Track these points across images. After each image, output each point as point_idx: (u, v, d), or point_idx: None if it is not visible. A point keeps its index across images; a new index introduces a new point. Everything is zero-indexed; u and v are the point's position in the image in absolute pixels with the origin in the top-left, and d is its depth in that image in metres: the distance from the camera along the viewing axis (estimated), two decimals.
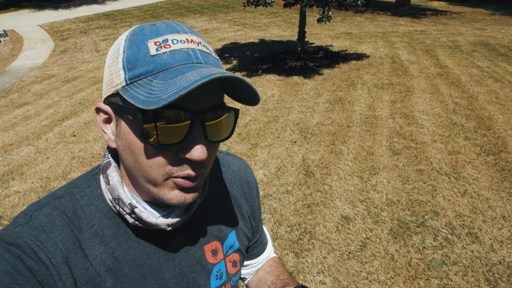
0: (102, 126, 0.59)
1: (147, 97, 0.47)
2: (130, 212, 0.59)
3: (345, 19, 13.98)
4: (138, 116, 0.50)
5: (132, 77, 0.51)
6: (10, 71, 8.68)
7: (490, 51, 8.64)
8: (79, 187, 0.64)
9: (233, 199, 0.81)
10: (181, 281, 0.68)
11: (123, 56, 0.53)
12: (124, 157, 0.57)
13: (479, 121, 4.79)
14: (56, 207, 0.60)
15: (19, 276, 0.51)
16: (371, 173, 3.69)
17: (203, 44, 0.55)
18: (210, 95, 0.53)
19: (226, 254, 0.76)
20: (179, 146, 0.53)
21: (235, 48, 9.62)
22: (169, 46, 0.51)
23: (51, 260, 0.54)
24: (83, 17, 15.14)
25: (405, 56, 8.20)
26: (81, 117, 5.52)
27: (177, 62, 0.51)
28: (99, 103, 0.58)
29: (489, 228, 2.89)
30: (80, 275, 0.57)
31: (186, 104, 0.51)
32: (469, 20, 13.90)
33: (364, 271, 2.54)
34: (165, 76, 0.49)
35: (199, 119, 0.52)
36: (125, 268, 0.62)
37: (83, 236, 0.59)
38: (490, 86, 6.16)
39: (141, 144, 0.53)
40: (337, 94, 5.97)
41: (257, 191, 0.87)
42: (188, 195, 0.57)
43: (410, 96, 5.75)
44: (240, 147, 4.33)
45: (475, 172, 3.65)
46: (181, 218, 0.62)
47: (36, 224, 0.57)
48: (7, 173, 4.00)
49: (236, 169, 0.85)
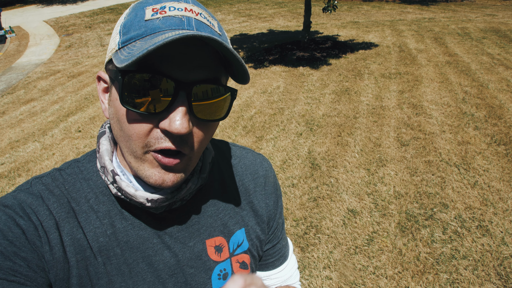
0: (101, 95, 0.60)
1: (125, 56, 0.46)
2: (112, 181, 0.58)
3: (351, 8, 13.76)
4: (118, 77, 0.49)
5: (124, 41, 0.51)
6: (16, 67, 8.72)
7: (501, 37, 8.42)
8: (81, 161, 0.65)
9: (243, 193, 0.75)
10: (176, 275, 0.64)
11: (122, 21, 0.53)
12: (113, 126, 0.56)
13: (490, 110, 4.67)
14: (55, 178, 0.61)
15: (10, 232, 0.52)
16: (378, 165, 3.62)
17: (203, 16, 0.53)
18: (199, 66, 0.50)
19: (232, 253, 0.70)
20: (160, 117, 0.50)
21: (242, 39, 9.53)
22: (165, 12, 0.50)
23: (42, 223, 0.55)
24: (88, 12, 15.13)
25: (413, 45, 8.04)
26: (86, 112, 5.52)
27: (167, 27, 0.49)
28: (100, 71, 0.59)
29: (500, 220, 2.82)
30: (70, 245, 0.57)
31: (171, 72, 0.49)
32: (479, 6, 13.58)
33: (371, 265, 2.50)
34: (150, 38, 0.48)
35: (184, 90, 0.49)
36: (116, 249, 0.60)
37: (80, 209, 0.59)
38: (501, 73, 6.01)
39: (124, 111, 0.51)
40: (343, 84, 5.88)
41: (275, 187, 0.79)
42: (167, 176, 0.54)
43: (418, 86, 5.63)
44: (245, 140, 4.28)
45: (486, 162, 3.57)
46: (164, 197, 0.58)
47: (35, 190, 0.58)
48: (14, 170, 4.02)
49: (250, 162, 0.78)
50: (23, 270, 0.52)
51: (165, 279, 0.63)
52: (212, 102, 0.53)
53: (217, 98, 0.53)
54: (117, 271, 0.59)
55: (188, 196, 0.64)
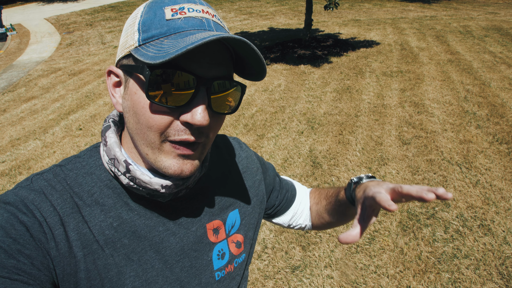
0: (111, 89, 0.61)
1: (155, 53, 0.49)
2: (125, 171, 0.59)
3: (353, 6, 13.72)
4: (145, 72, 0.51)
5: (145, 38, 0.53)
6: (17, 65, 8.71)
7: (503, 36, 8.39)
8: (81, 157, 0.65)
9: (238, 175, 0.81)
10: (183, 259, 0.67)
11: (139, 19, 0.55)
12: (127, 119, 0.58)
13: (492, 109, 4.66)
14: (57, 173, 0.61)
15: (13, 230, 0.52)
16: (380, 163, 3.61)
17: (217, 18, 0.58)
18: (217, 64, 0.55)
19: (228, 234, 0.75)
20: (181, 110, 0.54)
21: (243, 37, 9.50)
22: (185, 13, 0.54)
23: (46, 219, 0.55)
24: (89, 10, 15.11)
25: (414, 43, 8.01)
26: (87, 110, 5.52)
27: (190, 27, 0.53)
28: (111, 66, 0.60)
29: (502, 219, 2.81)
30: (76, 240, 0.57)
31: (193, 69, 0.52)
32: (481, 4, 13.53)
33: (373, 264, 2.49)
34: (176, 37, 0.51)
35: (205, 85, 0.53)
36: (124, 239, 0.61)
37: (84, 203, 0.60)
38: (503, 72, 5.99)
39: (144, 104, 0.54)
40: (345, 83, 5.86)
41: (257, 161, 0.88)
42: (185, 165, 0.57)
43: (420, 84, 5.62)
44: (247, 138, 4.28)
45: (488, 161, 3.55)
46: (175, 183, 0.60)
47: (36, 187, 0.58)
48: (15, 168, 4.02)
49: (232, 147, 0.85)
50: (27, 268, 0.52)
51: (172, 264, 0.65)
52: (226, 96, 0.58)
53: (231, 92, 0.58)
54: (126, 261, 0.61)
55: (192, 184, 0.67)
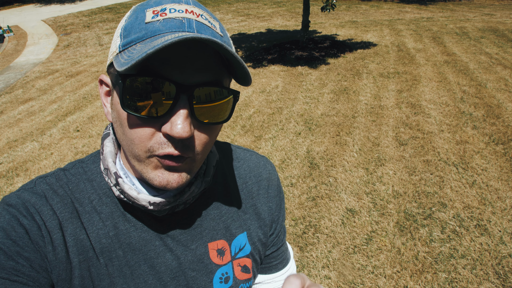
0: (103, 99, 0.59)
1: (125, 60, 0.45)
2: (115, 183, 0.57)
3: (350, 7, 13.76)
4: (119, 81, 0.48)
5: (125, 44, 0.50)
6: (14, 67, 8.69)
7: (499, 37, 8.44)
8: (85, 162, 0.64)
9: (246, 196, 0.74)
10: (178, 277, 0.63)
11: (123, 24, 0.53)
12: (116, 130, 0.56)
13: (488, 110, 4.68)
14: (59, 178, 0.61)
15: (13, 232, 0.53)
16: (377, 164, 3.62)
17: (205, 17, 0.52)
18: (202, 69, 0.49)
19: (234, 256, 0.69)
20: (162, 121, 0.49)
21: (240, 39, 9.52)
22: (165, 14, 0.49)
23: (45, 223, 0.55)
24: (86, 11, 15.09)
25: (411, 44, 8.05)
26: (85, 112, 5.51)
27: (167, 29, 0.48)
28: (102, 74, 0.58)
29: (498, 220, 2.82)
30: (73, 245, 0.56)
31: (172, 75, 0.48)
32: (477, 6, 13.60)
33: (370, 265, 2.50)
34: (150, 40, 0.47)
35: (186, 93, 0.48)
36: (118, 250, 0.59)
37: (84, 210, 0.59)
38: (499, 73, 6.02)
39: (125, 115, 0.51)
40: (342, 84, 5.88)
41: (278, 190, 0.78)
42: (172, 177, 0.52)
43: (417, 85, 5.64)
44: (244, 139, 4.28)
45: (484, 162, 3.57)
46: (166, 200, 0.57)
47: (39, 190, 0.58)
48: (12, 169, 4.01)
49: (254, 165, 0.77)
50: (26, 270, 0.52)
51: (167, 282, 0.62)
52: (215, 104, 0.52)
53: (219, 100, 0.52)
54: (119, 273, 0.59)
55: (191, 200, 0.63)
